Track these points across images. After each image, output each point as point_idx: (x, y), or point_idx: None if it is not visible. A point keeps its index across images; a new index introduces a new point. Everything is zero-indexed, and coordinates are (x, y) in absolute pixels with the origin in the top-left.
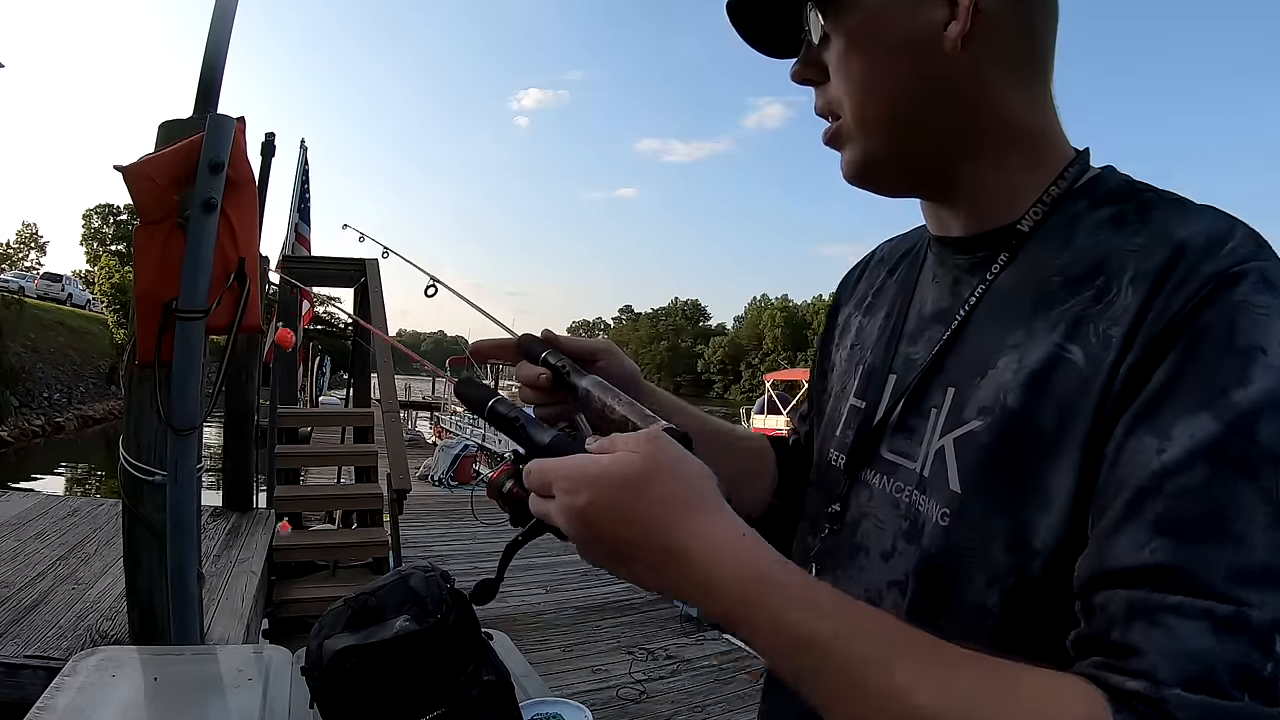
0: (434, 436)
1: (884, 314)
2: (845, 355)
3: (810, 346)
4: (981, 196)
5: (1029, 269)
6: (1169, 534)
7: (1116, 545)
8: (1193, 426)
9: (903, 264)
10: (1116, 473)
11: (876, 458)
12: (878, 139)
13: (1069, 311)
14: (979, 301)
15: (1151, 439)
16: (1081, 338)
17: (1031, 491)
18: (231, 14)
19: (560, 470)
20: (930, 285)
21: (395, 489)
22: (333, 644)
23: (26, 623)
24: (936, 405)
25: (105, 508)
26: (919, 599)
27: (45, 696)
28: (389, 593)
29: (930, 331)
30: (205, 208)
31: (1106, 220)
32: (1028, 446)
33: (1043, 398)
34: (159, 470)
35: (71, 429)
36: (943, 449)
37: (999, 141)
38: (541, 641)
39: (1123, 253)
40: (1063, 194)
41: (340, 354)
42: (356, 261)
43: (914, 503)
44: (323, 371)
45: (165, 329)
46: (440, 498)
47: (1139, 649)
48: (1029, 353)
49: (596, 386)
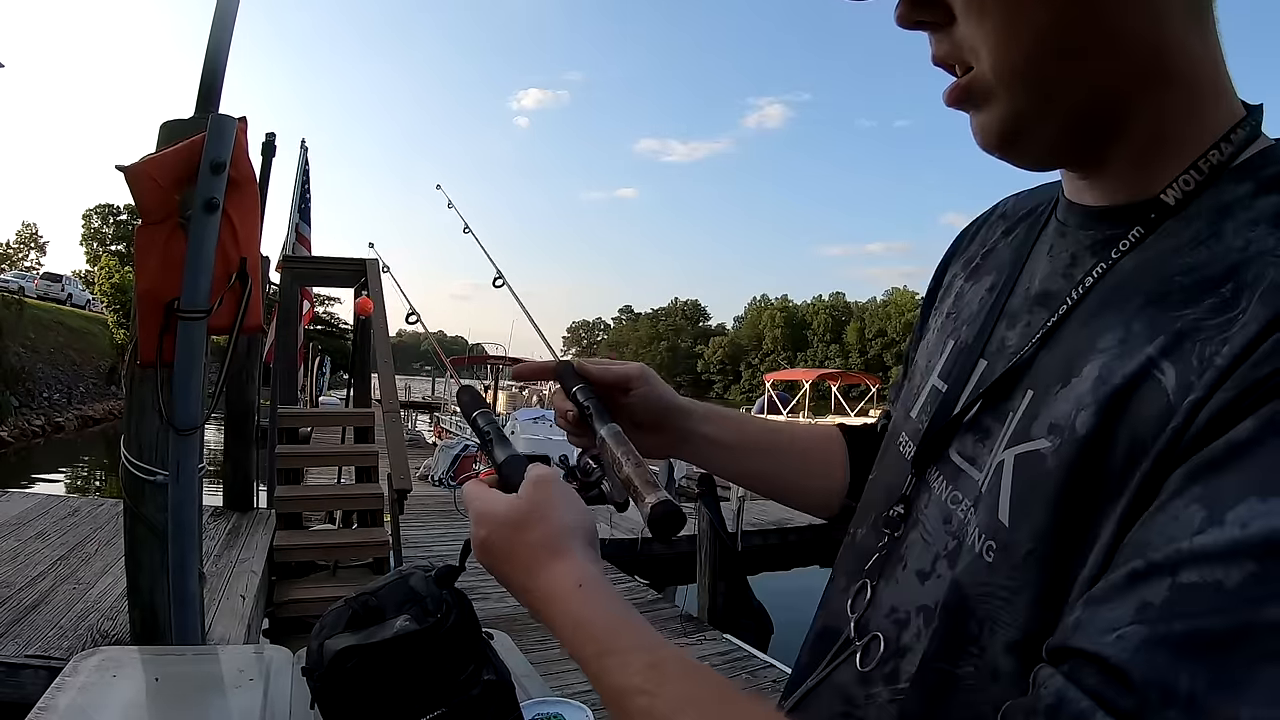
0: (434, 436)
1: (988, 283)
2: (939, 324)
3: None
4: (1130, 164)
5: (1157, 255)
6: (1148, 629)
7: (1093, 618)
8: (1252, 513)
9: (1021, 225)
10: (1144, 536)
11: (945, 457)
12: (1025, 88)
13: (1180, 320)
14: (1093, 287)
15: (1200, 510)
16: (1181, 356)
17: (1080, 545)
18: (233, 14)
19: (473, 502)
20: (1045, 258)
21: (395, 489)
22: (333, 644)
23: (27, 622)
24: (1014, 408)
25: (105, 508)
26: (943, 637)
27: (46, 696)
28: (389, 593)
29: (1032, 315)
30: (207, 208)
31: (1270, 214)
32: (1087, 485)
33: (1118, 426)
34: (160, 470)
35: (71, 429)
36: (1002, 464)
37: (1161, 87)
38: (542, 641)
39: (1268, 259)
40: (1225, 161)
41: (340, 354)
42: (357, 261)
43: (965, 521)
44: (323, 371)
45: (167, 329)
46: (440, 498)
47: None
48: (1117, 364)
49: (613, 438)
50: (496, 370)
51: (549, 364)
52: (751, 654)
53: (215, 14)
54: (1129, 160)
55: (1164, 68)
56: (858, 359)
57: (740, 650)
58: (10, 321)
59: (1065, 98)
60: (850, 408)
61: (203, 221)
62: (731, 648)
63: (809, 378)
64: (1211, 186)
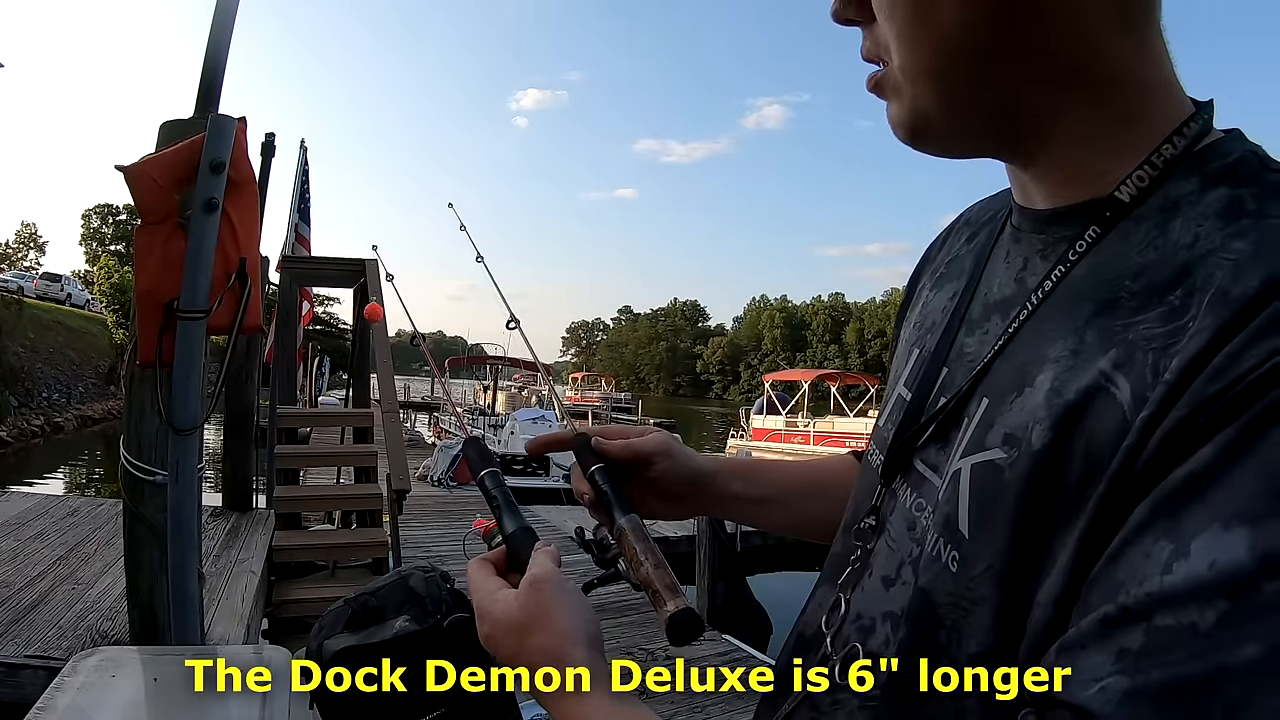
0: (433, 437)
1: (950, 291)
2: (907, 334)
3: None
4: (1069, 162)
5: (1109, 258)
6: (1128, 681)
7: (1071, 668)
8: (1219, 547)
9: (983, 231)
10: (1114, 573)
11: (911, 466)
12: (927, 86)
13: (1132, 329)
14: (1051, 291)
15: (1166, 545)
16: (1134, 369)
17: (1037, 560)
18: (233, 14)
19: (474, 593)
20: (1001, 264)
21: (395, 489)
22: (333, 644)
23: (26, 622)
24: (969, 415)
25: (105, 508)
26: (909, 644)
27: (46, 696)
28: (389, 593)
29: (990, 323)
30: (206, 208)
31: (1216, 209)
32: (1043, 500)
33: (1072, 441)
34: (160, 470)
35: (71, 429)
36: (959, 473)
37: (1095, 93)
38: None
39: (1215, 259)
40: (1179, 155)
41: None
42: (356, 262)
43: (927, 528)
44: (322, 372)
45: (166, 329)
46: (440, 498)
47: None
48: (1071, 376)
49: (633, 532)
50: (496, 371)
51: (565, 437)
52: (750, 654)
53: (215, 13)
54: (1068, 161)
55: (1091, 72)
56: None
57: (739, 650)
58: (9, 321)
59: (969, 96)
60: (849, 408)
61: (202, 221)
62: (731, 648)
63: (808, 378)
64: (1167, 181)
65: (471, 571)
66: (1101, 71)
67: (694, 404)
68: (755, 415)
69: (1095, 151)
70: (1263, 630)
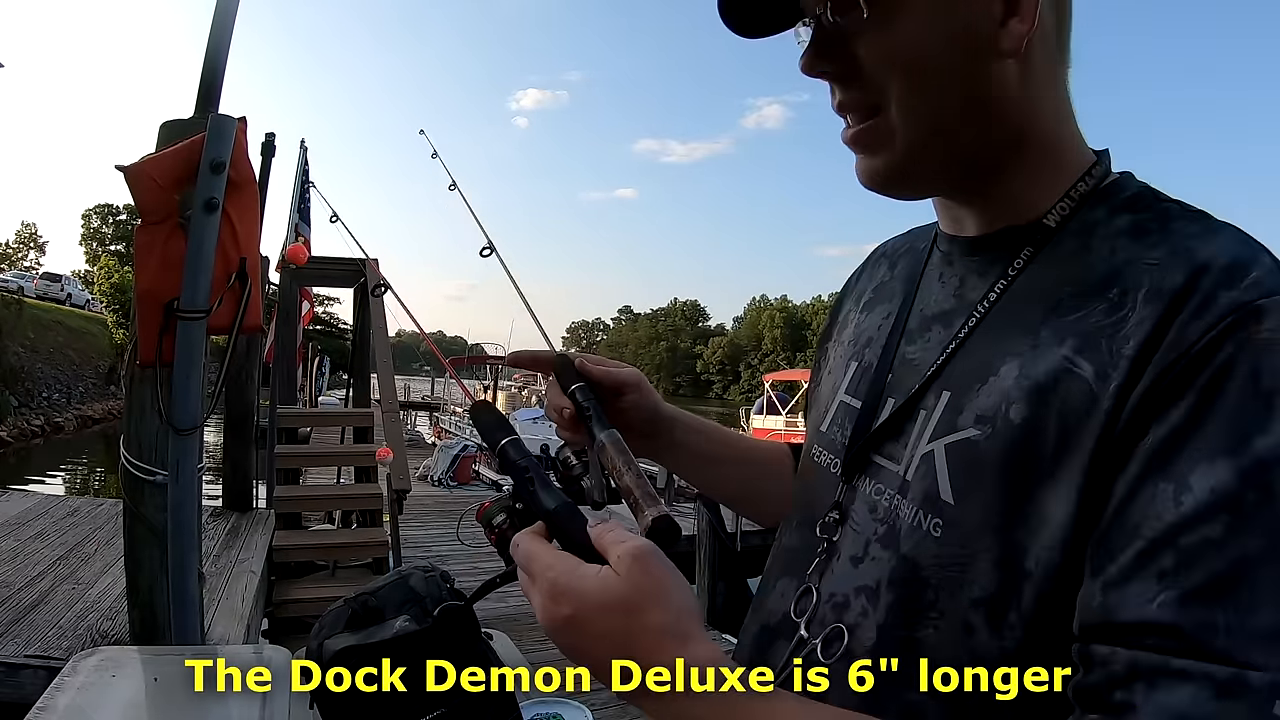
0: (434, 436)
1: (884, 312)
2: (839, 352)
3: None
4: (1006, 198)
5: (1046, 272)
6: (1176, 591)
7: (1124, 597)
8: (1211, 476)
9: (904, 261)
10: (1129, 518)
11: (870, 462)
12: (923, 143)
13: (1081, 323)
14: (996, 301)
15: (1168, 486)
16: (1092, 353)
17: (1027, 512)
18: (232, 14)
19: (548, 572)
20: (935, 285)
21: (395, 489)
22: (332, 644)
23: (26, 622)
24: (927, 408)
25: (105, 508)
26: (897, 607)
27: (45, 696)
28: (389, 593)
29: (931, 332)
30: (206, 208)
31: (1125, 230)
32: (1027, 464)
33: (1046, 413)
34: (160, 470)
35: (71, 429)
36: (931, 454)
37: (1033, 146)
38: (541, 641)
39: (1139, 266)
40: (1090, 191)
41: (340, 354)
42: (356, 261)
43: (894, 508)
44: (322, 371)
45: (166, 329)
46: (440, 498)
47: (1137, 709)
48: (1035, 363)
49: (613, 445)
50: (496, 370)
51: (547, 355)
52: None
53: (215, 13)
54: (1005, 197)
55: (1032, 135)
56: None
57: None
58: (10, 321)
59: (954, 155)
60: None
61: (202, 221)
62: (731, 647)
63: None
64: (1080, 211)
65: (531, 547)
66: (1038, 133)
67: (694, 404)
68: (755, 415)
69: (1027, 190)
70: (1259, 526)
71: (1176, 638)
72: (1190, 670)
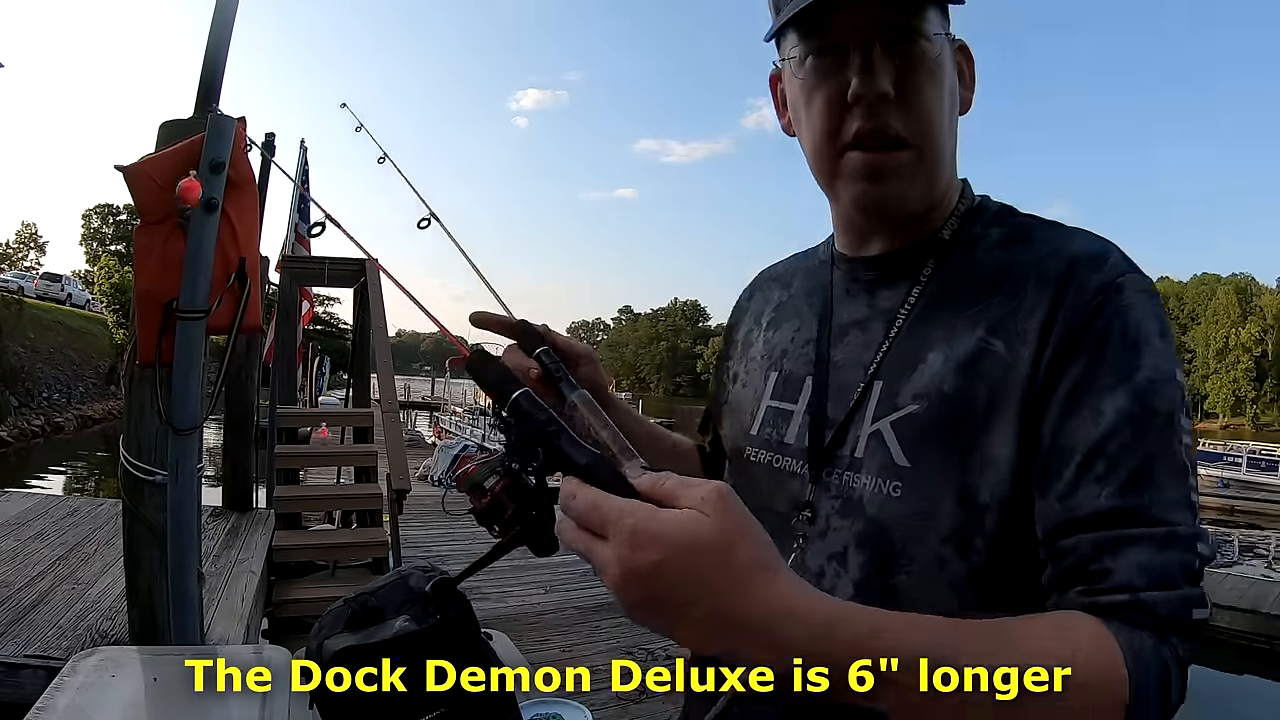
0: (434, 436)
1: (794, 326)
2: (748, 366)
3: None
4: (926, 220)
5: (948, 276)
6: (1113, 486)
7: (1077, 501)
8: (1115, 402)
9: (799, 282)
10: (1063, 444)
11: (833, 456)
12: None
13: (985, 313)
14: (916, 304)
15: (1087, 414)
16: (1002, 333)
17: (974, 458)
18: (232, 14)
19: (626, 519)
20: (845, 298)
21: (395, 489)
22: (332, 644)
23: (26, 622)
24: (867, 397)
25: (105, 508)
26: (870, 564)
27: (45, 696)
28: (389, 593)
29: (849, 338)
30: (206, 207)
31: (998, 240)
32: (966, 421)
33: (975, 381)
34: (159, 470)
35: (71, 429)
36: (879, 432)
37: (950, 177)
38: (542, 641)
39: (1022, 265)
40: (967, 210)
41: (340, 354)
42: (356, 261)
43: (846, 483)
44: (322, 371)
45: (166, 329)
46: (440, 498)
47: (1112, 572)
48: (955, 347)
49: (584, 403)
50: None
51: (509, 320)
52: None
53: (215, 13)
54: (919, 220)
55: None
56: None
57: None
58: (10, 321)
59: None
60: None
61: (202, 221)
62: None
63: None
64: (961, 228)
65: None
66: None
67: (695, 403)
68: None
69: (935, 213)
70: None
71: (1122, 516)
72: (1139, 535)
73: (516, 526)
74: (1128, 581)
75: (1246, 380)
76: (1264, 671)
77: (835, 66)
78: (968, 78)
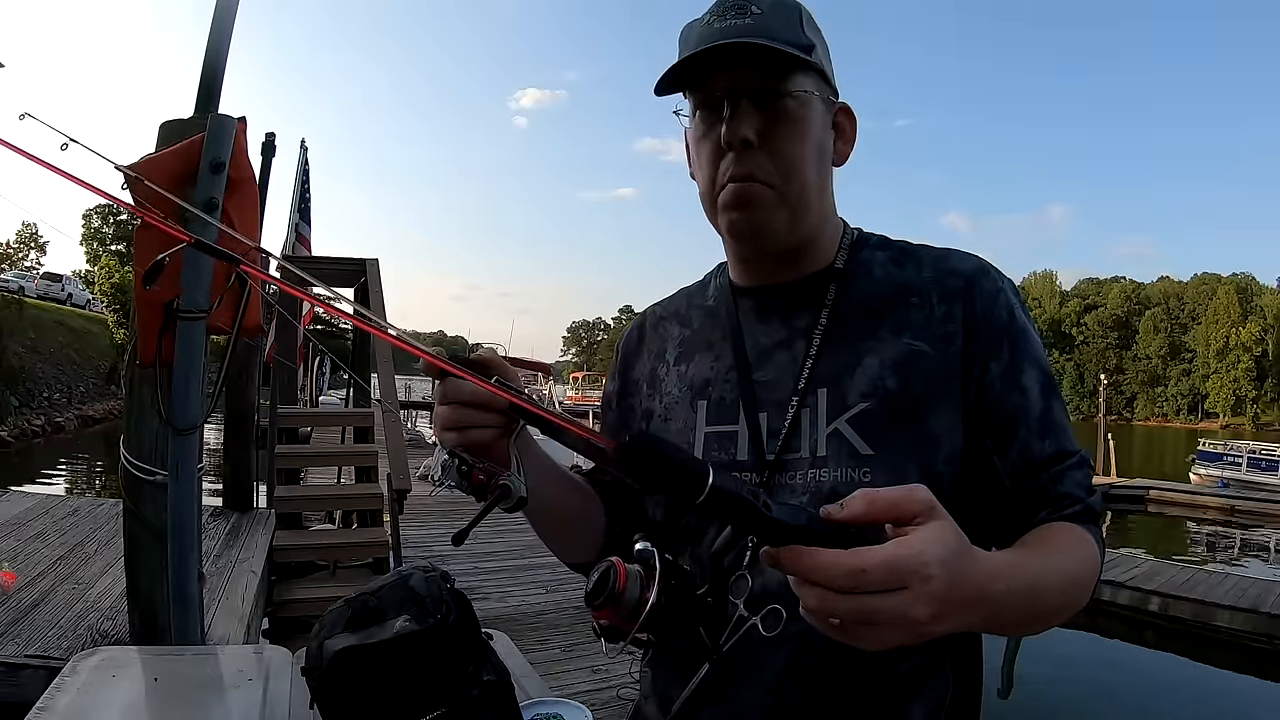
0: (434, 437)
1: (711, 356)
2: (669, 400)
3: None
4: (814, 253)
5: (852, 296)
6: (1051, 437)
7: (1032, 451)
8: (1033, 376)
9: (698, 316)
10: (1006, 411)
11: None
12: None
13: (904, 321)
14: (829, 323)
15: (1019, 390)
16: (925, 338)
17: (926, 437)
18: (232, 15)
19: (907, 561)
20: (757, 323)
21: (395, 489)
22: (333, 644)
23: (27, 622)
24: (810, 405)
25: (105, 508)
26: None
27: (46, 696)
28: (389, 593)
29: (775, 357)
30: (206, 208)
31: (888, 261)
32: (912, 409)
33: (912, 376)
34: (160, 470)
35: (71, 429)
36: (837, 430)
37: (830, 217)
38: (542, 641)
39: (921, 281)
40: (852, 241)
41: (340, 354)
42: (356, 261)
43: (813, 479)
44: (322, 371)
45: (166, 329)
46: (440, 498)
47: (1068, 493)
48: (886, 351)
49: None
50: None
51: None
52: None
53: (215, 14)
54: (815, 252)
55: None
56: None
57: None
58: (10, 321)
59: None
60: None
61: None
62: None
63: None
64: (851, 256)
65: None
66: (832, 208)
67: None
68: None
69: (826, 246)
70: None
71: (1061, 454)
72: (1070, 464)
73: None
74: (1079, 497)
75: (1247, 380)
76: (1264, 672)
77: (715, 119)
78: (848, 134)
